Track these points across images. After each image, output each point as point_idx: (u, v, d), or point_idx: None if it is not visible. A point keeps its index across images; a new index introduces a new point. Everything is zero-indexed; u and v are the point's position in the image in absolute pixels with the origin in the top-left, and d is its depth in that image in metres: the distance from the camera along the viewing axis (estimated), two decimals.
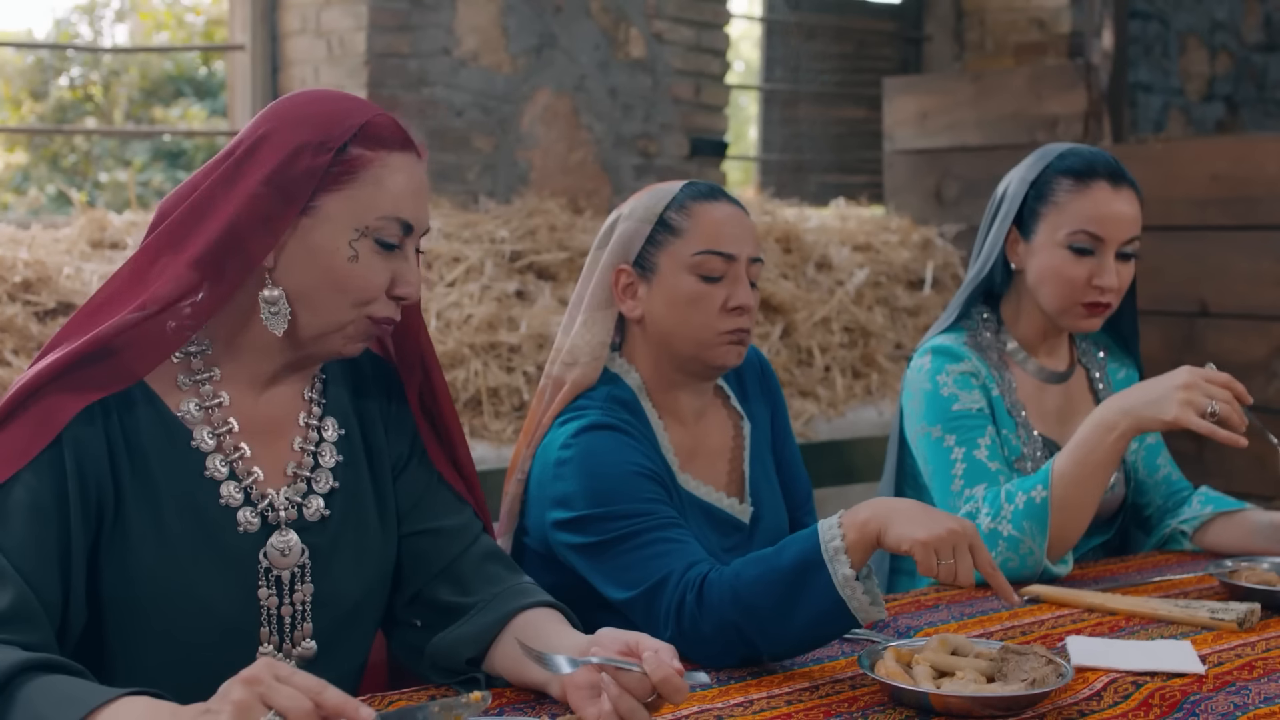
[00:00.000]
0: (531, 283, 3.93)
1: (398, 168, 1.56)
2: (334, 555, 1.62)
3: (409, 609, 1.70)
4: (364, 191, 1.54)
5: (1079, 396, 2.40)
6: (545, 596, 1.66)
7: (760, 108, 5.86)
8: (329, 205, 1.53)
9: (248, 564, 1.57)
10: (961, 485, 2.20)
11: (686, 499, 2.00)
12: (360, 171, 1.54)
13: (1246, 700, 1.60)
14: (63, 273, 3.33)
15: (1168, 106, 6.14)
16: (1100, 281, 2.25)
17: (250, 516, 1.57)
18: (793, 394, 4.11)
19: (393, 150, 1.56)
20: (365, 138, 1.54)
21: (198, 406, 1.57)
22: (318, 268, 1.54)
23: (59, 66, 7.15)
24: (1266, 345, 4.20)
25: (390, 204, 1.55)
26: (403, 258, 1.58)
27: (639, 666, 1.39)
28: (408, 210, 1.56)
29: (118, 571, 1.51)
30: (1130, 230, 2.26)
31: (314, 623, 1.61)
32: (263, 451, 1.60)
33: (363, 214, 1.54)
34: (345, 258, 1.54)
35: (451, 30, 4.27)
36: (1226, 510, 2.34)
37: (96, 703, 1.28)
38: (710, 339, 1.97)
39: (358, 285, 1.55)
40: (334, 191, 1.53)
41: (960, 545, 1.61)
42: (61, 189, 5.19)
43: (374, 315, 1.57)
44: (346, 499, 1.65)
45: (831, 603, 1.62)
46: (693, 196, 2.00)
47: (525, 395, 3.52)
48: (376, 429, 1.71)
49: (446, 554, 1.69)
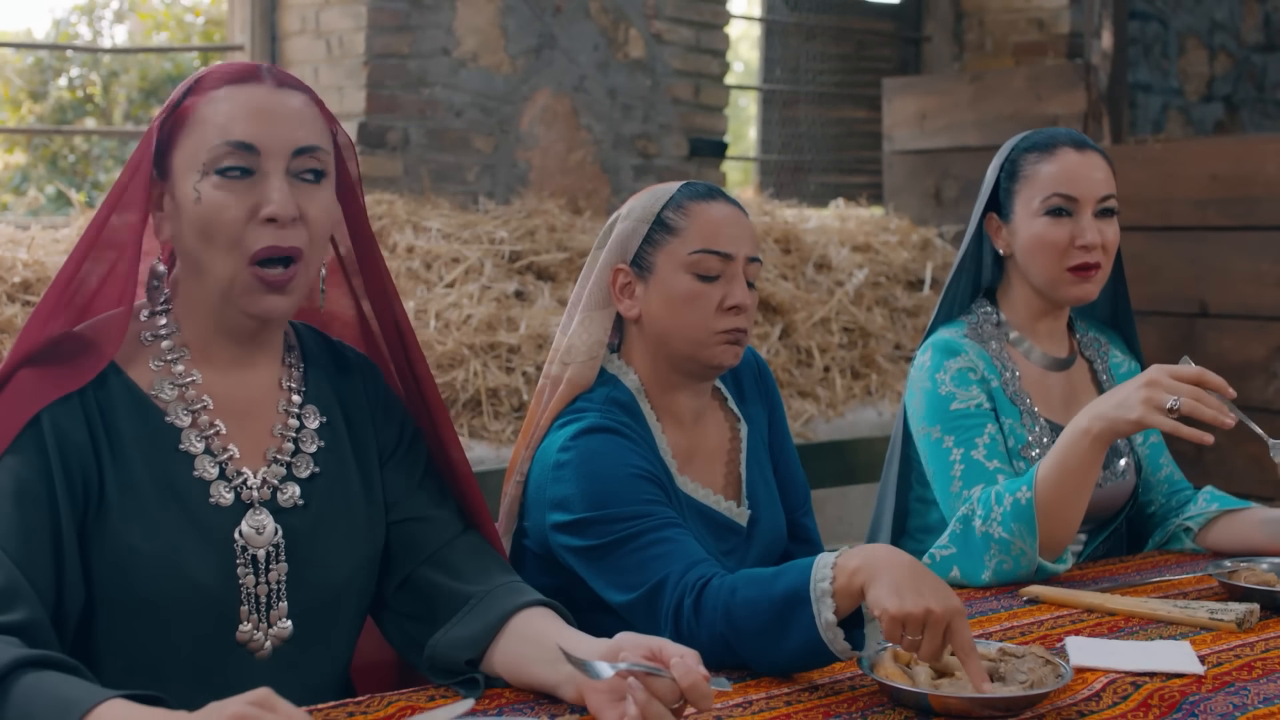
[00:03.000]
0: (531, 283, 3.93)
1: (224, 99, 1.56)
2: (314, 539, 1.63)
3: (399, 594, 1.70)
4: (193, 134, 1.56)
5: (1082, 384, 2.41)
6: (538, 596, 1.66)
7: (759, 108, 5.86)
8: (174, 162, 1.57)
9: (225, 541, 1.58)
10: (960, 486, 2.20)
11: (684, 501, 2.00)
12: (188, 117, 1.56)
13: (1245, 701, 1.60)
14: None
15: (1167, 107, 6.14)
16: (1082, 240, 2.28)
17: (224, 491, 1.58)
18: (792, 395, 4.11)
19: (220, 86, 1.57)
20: (193, 87, 1.58)
21: (171, 385, 1.59)
22: (185, 226, 1.56)
23: (58, 67, 7.15)
24: (1266, 346, 4.20)
25: (216, 133, 1.54)
26: (264, 183, 1.55)
27: (667, 672, 1.39)
28: (239, 131, 1.54)
29: (104, 550, 1.53)
30: (1103, 188, 2.30)
31: (290, 603, 1.61)
32: (238, 431, 1.62)
33: (196, 154, 1.55)
34: (193, 201, 1.54)
35: (451, 31, 4.27)
36: (1231, 508, 2.34)
37: (85, 707, 1.28)
38: (706, 338, 1.97)
39: (215, 225, 1.54)
40: (175, 149, 1.57)
41: (934, 626, 1.53)
42: (61, 189, 5.18)
43: (249, 252, 1.54)
44: (328, 484, 1.66)
45: (813, 641, 1.61)
46: (690, 196, 2.00)
47: (525, 396, 3.52)
48: (363, 416, 1.72)
49: (436, 540, 1.70)
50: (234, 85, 1.56)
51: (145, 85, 7.37)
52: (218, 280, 1.56)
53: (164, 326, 1.62)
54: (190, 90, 1.58)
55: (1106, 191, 2.30)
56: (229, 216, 1.53)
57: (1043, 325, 2.38)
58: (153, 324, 1.62)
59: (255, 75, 1.58)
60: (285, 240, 1.55)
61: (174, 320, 1.62)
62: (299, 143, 1.56)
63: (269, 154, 1.55)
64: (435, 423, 1.75)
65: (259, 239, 1.54)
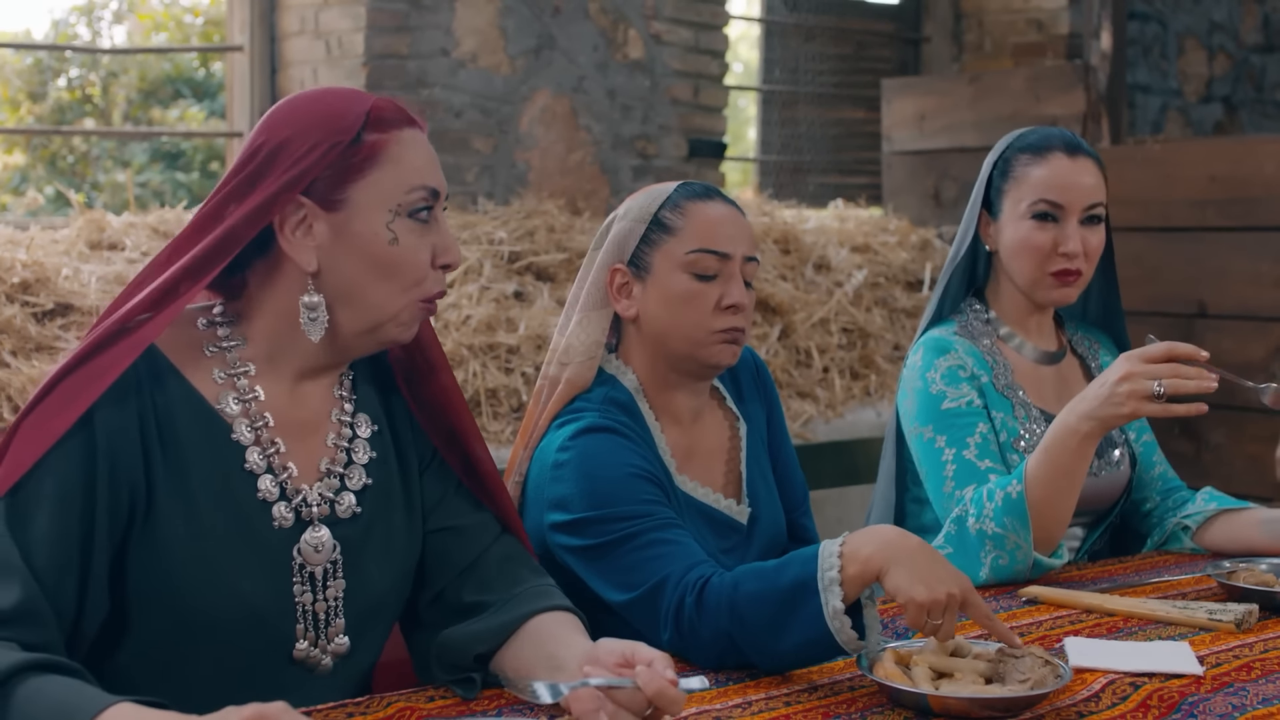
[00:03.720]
0: (530, 284, 3.93)
1: (410, 142, 1.59)
2: (364, 550, 1.63)
3: (432, 609, 1.70)
4: (388, 172, 1.56)
5: (1073, 377, 2.43)
6: (564, 601, 1.66)
7: (759, 109, 5.86)
8: (358, 195, 1.55)
9: (281, 560, 1.57)
10: (953, 487, 2.22)
11: (684, 500, 2.00)
12: (379, 154, 1.56)
13: (1244, 701, 1.60)
14: (61, 274, 3.33)
15: (1166, 108, 6.14)
16: (1065, 248, 2.29)
17: (285, 511, 1.58)
18: (791, 395, 4.10)
19: (402, 128, 1.59)
20: (375, 122, 1.57)
21: (235, 400, 1.58)
22: (363, 259, 1.56)
23: (57, 67, 7.15)
24: (1265, 346, 4.20)
25: (415, 175, 1.58)
26: (437, 228, 1.61)
27: (631, 682, 1.39)
28: (431, 178, 1.60)
29: (148, 561, 1.50)
30: (1090, 196, 2.30)
31: (345, 618, 1.62)
32: (296, 448, 1.61)
33: (392, 193, 1.56)
34: (386, 241, 1.56)
35: (450, 31, 4.27)
36: (1230, 508, 2.35)
37: (91, 712, 1.27)
38: (704, 338, 1.97)
39: (406, 266, 1.57)
40: (359, 180, 1.55)
41: (953, 607, 1.60)
42: (60, 190, 5.18)
43: (426, 294, 1.60)
44: (378, 495, 1.66)
45: (819, 631, 1.62)
46: (687, 196, 2.00)
47: (524, 396, 3.52)
48: (405, 424, 1.72)
49: (469, 552, 1.70)
50: (410, 129, 1.60)
51: (144, 86, 7.37)
52: (380, 311, 1.58)
53: (228, 338, 1.60)
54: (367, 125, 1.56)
55: (1094, 200, 2.31)
56: (420, 260, 1.58)
57: (1032, 321, 2.41)
58: (213, 334, 1.59)
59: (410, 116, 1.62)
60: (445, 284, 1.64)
61: (239, 334, 1.60)
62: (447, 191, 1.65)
63: (441, 200, 1.62)
64: (463, 424, 1.74)
65: (434, 283, 1.61)
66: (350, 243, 1.55)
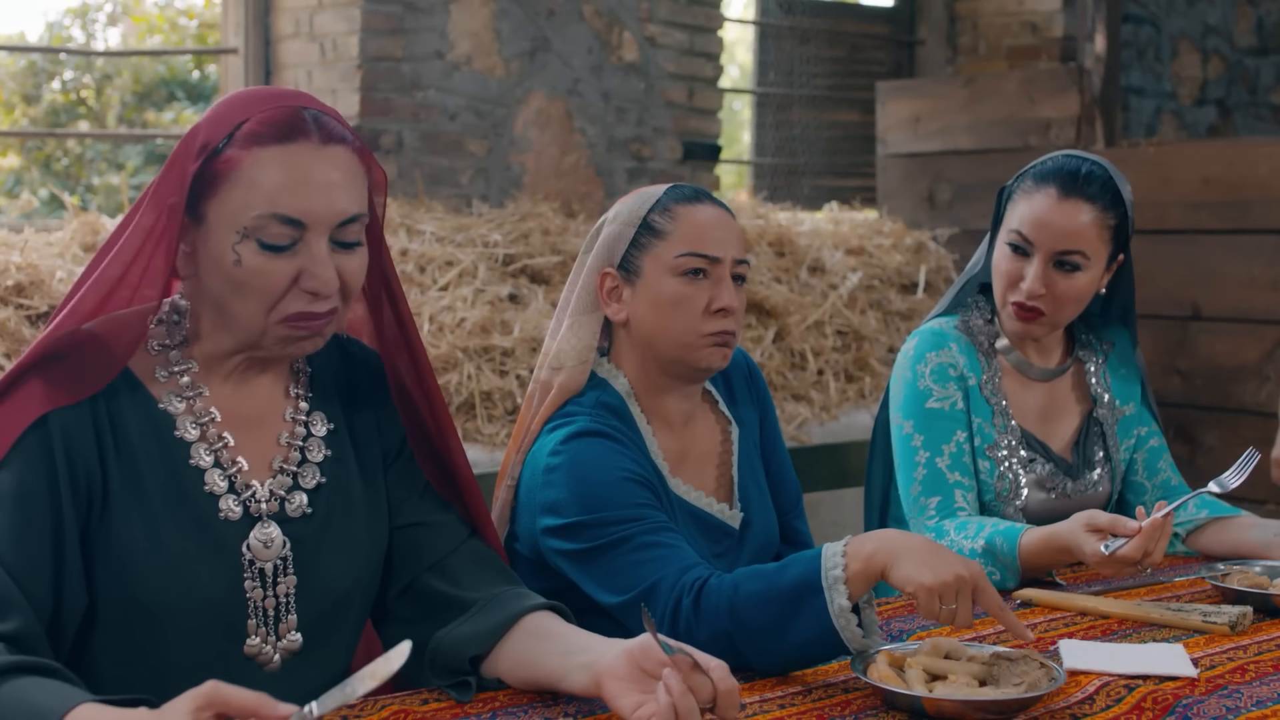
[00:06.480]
0: (524, 286, 3.92)
1: (271, 162, 1.49)
2: (320, 549, 1.63)
3: (400, 600, 1.70)
4: (234, 194, 1.50)
5: (1064, 396, 2.42)
6: (544, 600, 1.65)
7: (753, 111, 5.86)
8: (210, 211, 1.52)
9: (232, 554, 1.57)
10: (920, 492, 2.25)
11: (676, 504, 2.00)
12: (229, 173, 1.50)
13: (1238, 703, 1.60)
14: (55, 277, 3.32)
15: (1160, 110, 6.15)
16: (1023, 284, 2.27)
17: (233, 505, 1.57)
18: (785, 398, 4.10)
19: (268, 145, 1.50)
20: (241, 136, 1.50)
21: (179, 398, 1.58)
22: (216, 276, 1.53)
23: (51, 70, 7.14)
24: (1259, 349, 4.20)
25: (263, 202, 1.48)
26: (307, 253, 1.51)
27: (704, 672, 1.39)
28: (286, 204, 1.49)
29: (108, 558, 1.52)
30: (1064, 243, 2.24)
31: (299, 615, 1.61)
32: (247, 443, 1.61)
33: (236, 216, 1.50)
34: (230, 263, 1.51)
35: (444, 34, 4.27)
36: (1221, 515, 2.35)
37: (58, 714, 1.27)
38: (694, 341, 1.97)
39: (253, 289, 1.51)
40: (211, 198, 1.51)
41: (965, 590, 1.61)
42: (54, 192, 5.18)
43: (285, 314, 1.52)
44: (335, 493, 1.65)
45: (824, 630, 1.62)
46: (676, 199, 2.00)
47: (518, 399, 3.52)
48: (368, 419, 1.71)
49: (439, 547, 1.69)
50: (284, 145, 1.49)
51: (139, 88, 7.37)
52: (245, 329, 1.54)
53: (173, 334, 1.60)
54: (231, 139, 1.50)
55: (1068, 247, 2.24)
56: (269, 284, 1.51)
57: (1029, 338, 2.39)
58: (159, 333, 1.60)
59: (301, 129, 1.51)
60: (321, 306, 1.54)
61: (186, 330, 1.60)
62: (343, 214, 1.52)
63: (314, 227, 1.51)
64: (440, 426, 1.74)
65: (296, 303, 1.52)
66: (205, 257, 1.53)
